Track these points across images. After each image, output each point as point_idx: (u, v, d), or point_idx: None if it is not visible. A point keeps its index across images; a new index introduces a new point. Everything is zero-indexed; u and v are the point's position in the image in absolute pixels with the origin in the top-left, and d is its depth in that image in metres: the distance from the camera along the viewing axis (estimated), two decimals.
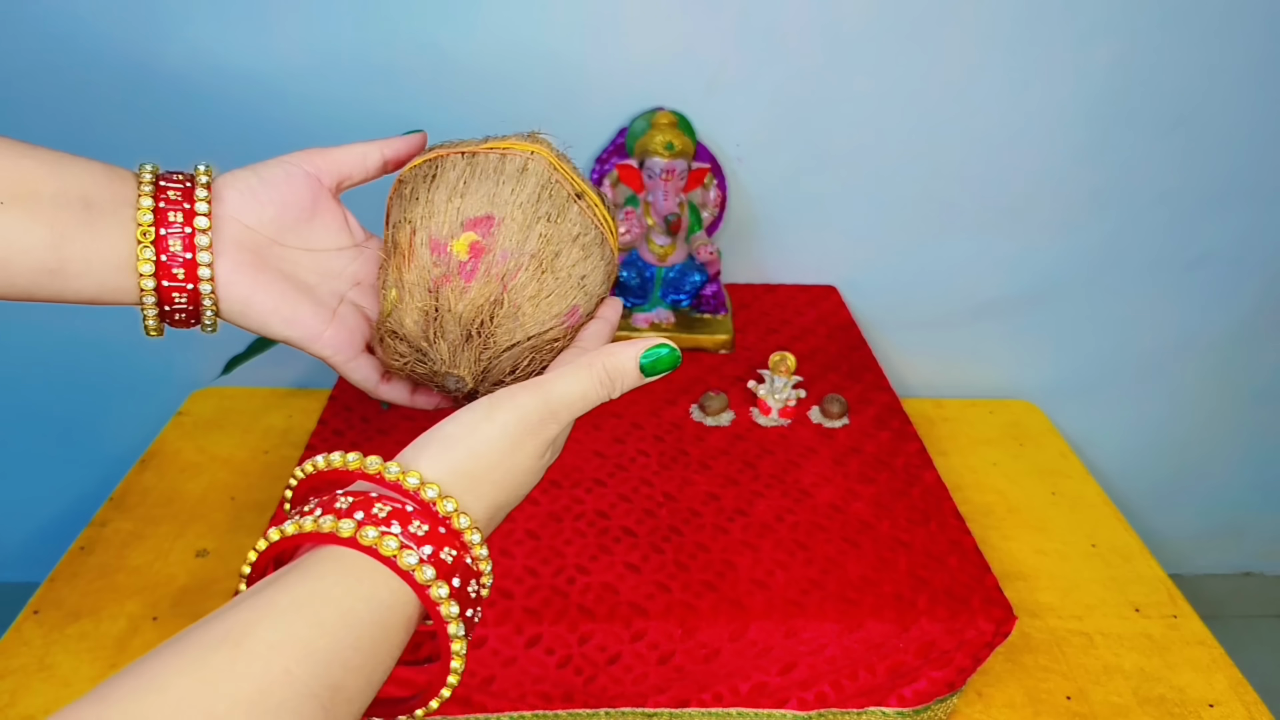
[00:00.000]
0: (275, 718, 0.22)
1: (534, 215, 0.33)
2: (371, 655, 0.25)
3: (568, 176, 0.35)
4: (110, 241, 0.32)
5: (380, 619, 0.25)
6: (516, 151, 0.35)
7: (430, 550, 0.26)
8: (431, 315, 0.33)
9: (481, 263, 0.32)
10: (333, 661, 0.24)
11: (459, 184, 0.34)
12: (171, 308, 0.34)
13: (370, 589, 0.25)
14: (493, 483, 0.29)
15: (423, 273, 0.33)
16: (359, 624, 0.25)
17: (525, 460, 0.30)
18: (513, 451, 0.29)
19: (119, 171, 0.34)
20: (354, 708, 0.25)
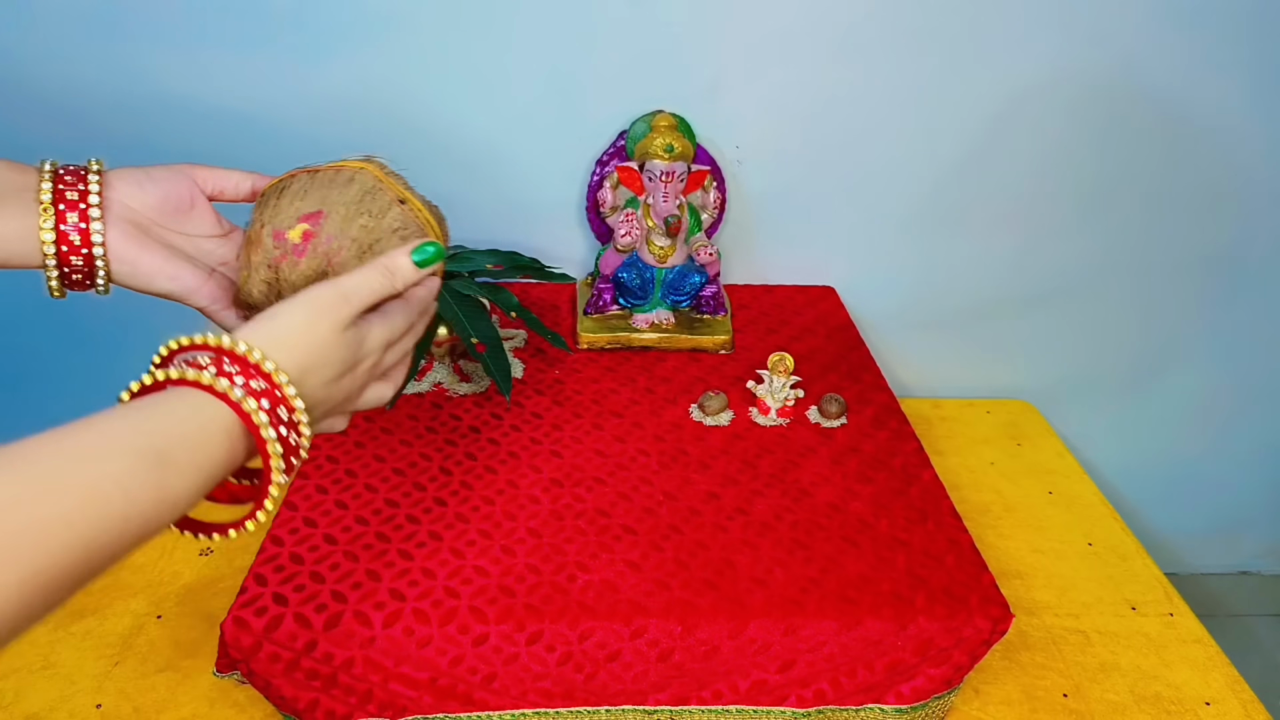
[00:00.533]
0: (109, 461, 0.31)
1: (357, 211, 0.44)
2: (197, 448, 0.34)
3: (392, 186, 0.45)
4: (16, 216, 0.42)
5: (203, 423, 0.35)
6: (349, 167, 0.45)
7: (243, 381, 0.36)
8: (272, 284, 0.44)
9: (310, 244, 0.43)
10: (163, 440, 0.33)
11: (300, 191, 0.44)
12: (69, 269, 0.43)
13: (195, 401, 0.35)
14: (297, 346, 0.38)
15: (266, 255, 0.44)
16: (184, 421, 0.34)
17: (326, 334, 0.39)
18: (313, 326, 0.39)
19: (25, 166, 0.43)
20: (185, 481, 0.33)
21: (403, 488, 0.64)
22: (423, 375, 0.76)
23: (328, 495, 0.63)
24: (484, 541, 0.59)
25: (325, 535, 0.59)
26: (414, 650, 0.54)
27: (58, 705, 0.62)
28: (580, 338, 0.81)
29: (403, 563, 0.57)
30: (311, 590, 0.55)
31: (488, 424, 0.71)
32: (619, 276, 0.79)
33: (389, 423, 0.70)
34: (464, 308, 0.69)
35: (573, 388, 0.76)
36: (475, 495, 0.63)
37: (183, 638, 0.67)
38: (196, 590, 0.71)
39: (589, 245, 0.89)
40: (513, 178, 0.85)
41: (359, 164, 0.46)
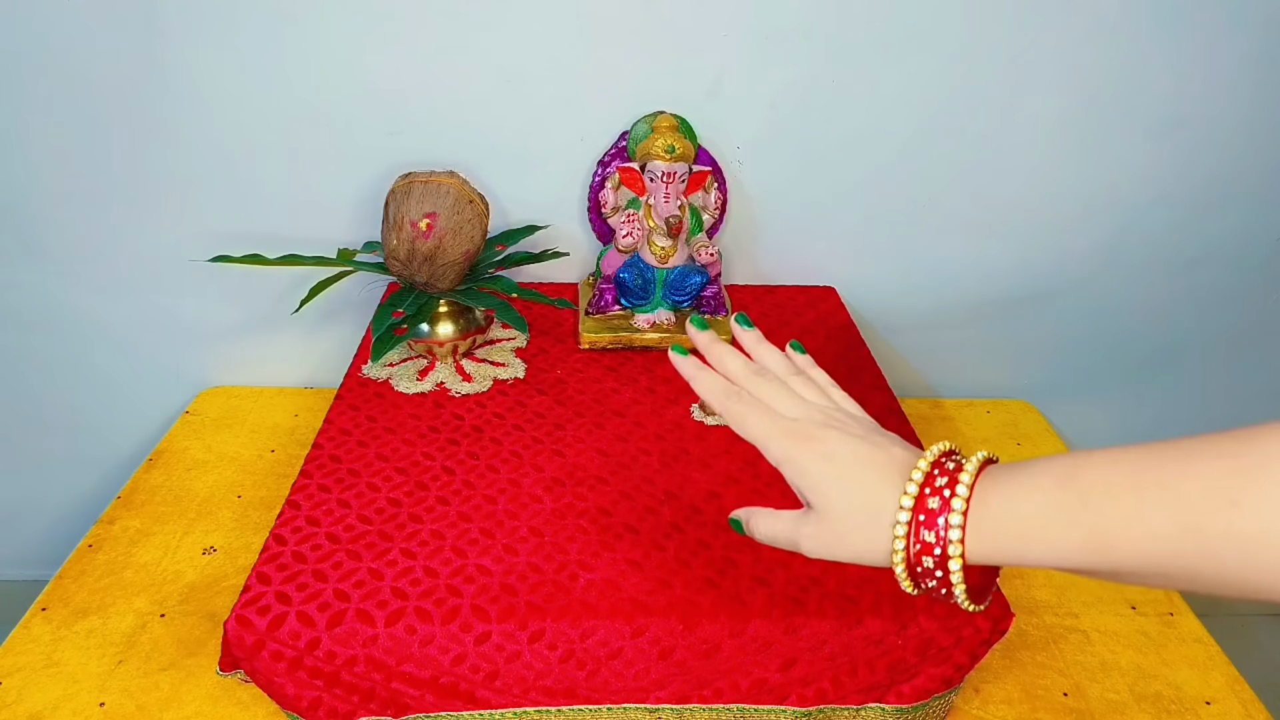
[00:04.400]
0: None
1: (452, 212, 0.72)
2: None
3: (466, 192, 0.73)
4: None
5: None
6: (445, 181, 0.72)
7: None
8: (410, 252, 0.72)
9: (431, 232, 0.71)
10: None
11: (420, 195, 0.72)
12: None
13: None
14: None
15: (406, 234, 0.71)
16: None
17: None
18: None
19: None
20: None
21: (405, 487, 0.64)
22: (425, 375, 0.76)
23: (330, 494, 0.63)
24: (486, 540, 0.60)
25: (328, 534, 0.59)
26: (416, 648, 0.54)
27: (61, 704, 0.62)
28: (582, 338, 0.81)
29: (405, 561, 0.58)
30: (314, 589, 0.56)
31: (490, 423, 0.71)
32: (620, 277, 0.80)
33: (391, 422, 0.70)
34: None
35: (575, 387, 0.76)
36: (477, 494, 0.63)
37: (186, 636, 0.67)
38: (199, 589, 0.71)
39: (590, 246, 0.89)
40: (513, 178, 0.86)
41: (448, 177, 0.73)
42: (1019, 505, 0.35)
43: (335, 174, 0.84)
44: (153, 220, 0.86)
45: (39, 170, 0.83)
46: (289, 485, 0.75)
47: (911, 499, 0.37)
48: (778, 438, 0.42)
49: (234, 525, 0.78)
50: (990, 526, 0.35)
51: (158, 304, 0.92)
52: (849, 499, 0.39)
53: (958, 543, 0.36)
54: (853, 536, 0.39)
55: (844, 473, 0.39)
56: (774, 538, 0.43)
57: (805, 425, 0.42)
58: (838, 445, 0.40)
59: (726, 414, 0.44)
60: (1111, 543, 0.32)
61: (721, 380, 0.45)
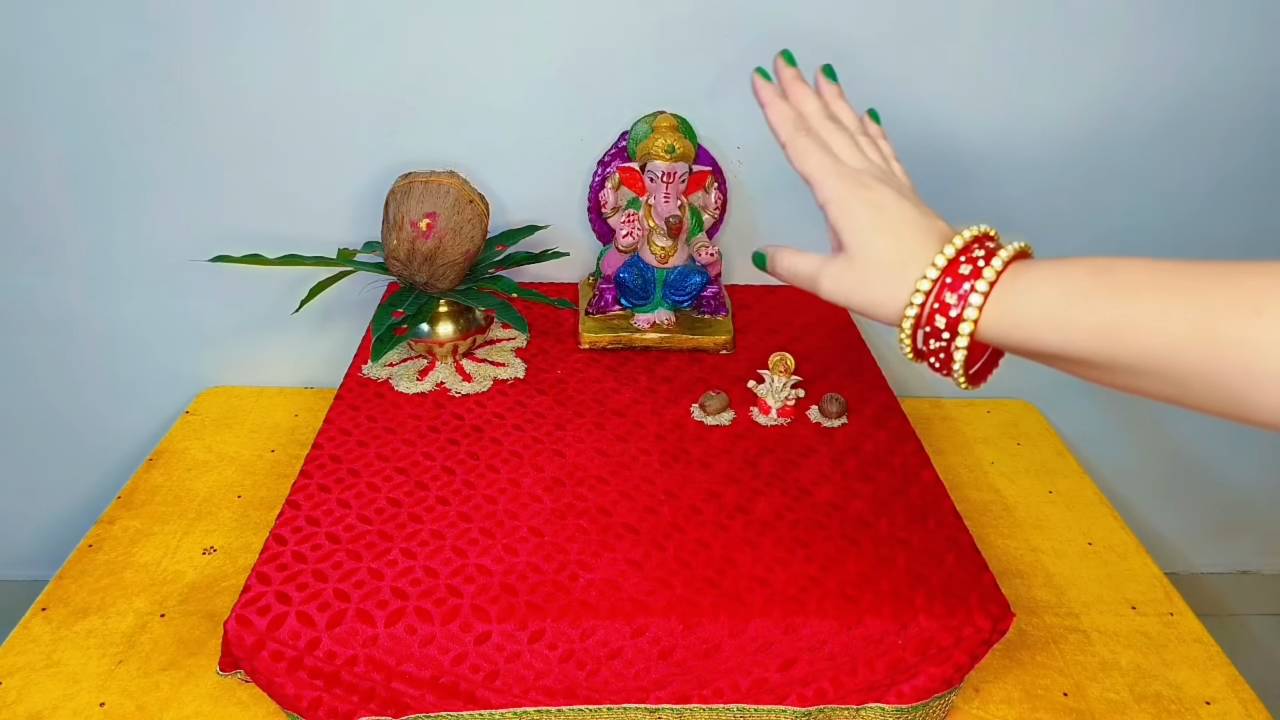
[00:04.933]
0: None
1: (452, 212, 0.72)
2: None
3: (466, 192, 0.73)
4: None
5: None
6: (445, 181, 0.72)
7: None
8: (409, 252, 0.72)
9: (431, 232, 0.71)
10: None
11: (420, 195, 0.72)
12: None
13: None
14: None
15: (406, 234, 0.71)
16: None
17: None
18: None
19: None
20: None
21: (405, 486, 0.64)
22: (425, 375, 0.76)
23: (330, 494, 0.63)
24: (486, 540, 0.60)
25: (328, 534, 0.59)
26: (416, 648, 0.54)
27: (61, 704, 0.62)
28: (582, 338, 0.81)
29: (405, 561, 0.58)
30: (314, 589, 0.56)
31: (490, 423, 0.71)
32: (620, 277, 0.80)
33: (391, 422, 0.70)
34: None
35: (575, 387, 0.76)
36: (477, 494, 0.63)
37: (186, 636, 0.67)
38: (199, 589, 0.71)
39: (590, 246, 0.89)
40: (513, 178, 0.86)
41: (449, 177, 0.73)
42: (1047, 286, 0.35)
43: (335, 174, 0.84)
44: (153, 220, 0.86)
45: (40, 171, 0.83)
46: (289, 485, 0.75)
47: (945, 259, 0.38)
48: (832, 177, 0.43)
49: (234, 525, 0.78)
50: (1012, 301, 0.36)
51: (158, 304, 0.92)
52: (884, 247, 0.40)
53: (976, 307, 0.37)
54: (874, 283, 0.41)
55: (886, 223, 0.41)
56: (794, 273, 0.45)
57: (861, 174, 0.43)
58: (888, 199, 0.42)
59: (790, 145, 0.45)
60: (1124, 331, 0.33)
61: (794, 113, 0.46)
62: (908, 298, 0.39)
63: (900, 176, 0.46)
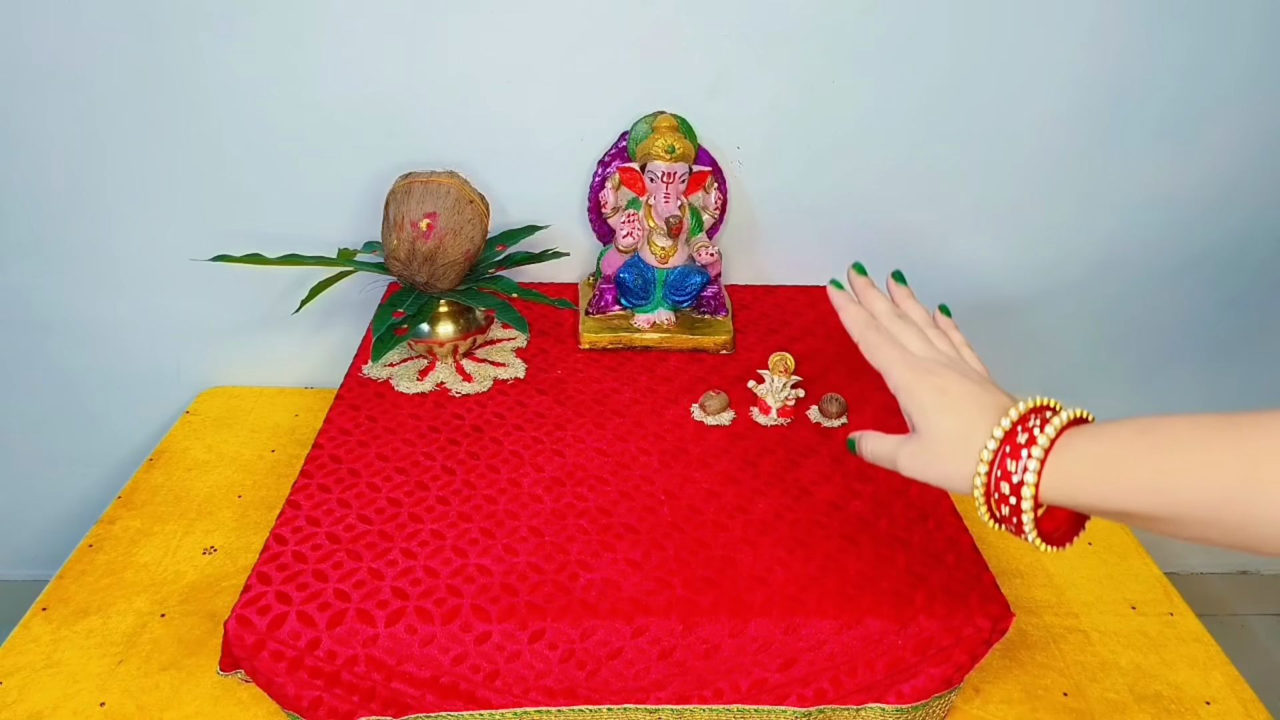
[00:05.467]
0: None
1: (453, 212, 0.72)
2: None
3: (466, 192, 0.73)
4: None
5: None
6: (445, 181, 0.73)
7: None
8: (410, 252, 0.71)
9: (431, 232, 0.71)
10: None
11: (420, 196, 0.72)
12: None
13: None
14: None
15: (407, 234, 0.71)
16: None
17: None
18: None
19: None
20: None
21: (405, 486, 0.64)
22: (425, 375, 0.76)
23: (330, 494, 0.63)
24: (486, 540, 0.60)
25: (328, 534, 0.60)
26: (417, 648, 0.54)
27: (61, 704, 0.62)
28: (582, 338, 0.81)
29: (405, 561, 0.58)
30: (315, 589, 0.56)
31: (490, 423, 0.71)
32: (620, 277, 0.80)
33: (391, 422, 0.70)
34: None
35: (575, 387, 0.76)
36: (477, 494, 0.63)
37: (186, 636, 0.67)
38: (200, 589, 0.72)
39: (591, 246, 0.89)
40: (513, 178, 0.86)
41: (448, 177, 0.73)
42: (1096, 447, 0.38)
43: (335, 174, 0.84)
44: (153, 220, 0.86)
45: (40, 171, 0.83)
46: (289, 485, 0.75)
47: (1003, 431, 0.41)
48: (900, 367, 0.47)
49: (234, 525, 0.78)
50: (1068, 464, 0.39)
51: (158, 304, 0.92)
52: (950, 425, 0.44)
53: (1034, 472, 0.39)
54: (945, 459, 0.44)
55: (951, 404, 0.44)
56: (877, 455, 0.49)
57: (927, 362, 0.47)
58: (952, 382, 0.45)
59: (863, 341, 0.49)
60: (1174, 485, 0.35)
61: (866, 314, 0.50)
62: (974, 468, 0.42)
63: (971, 362, 0.49)
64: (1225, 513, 0.34)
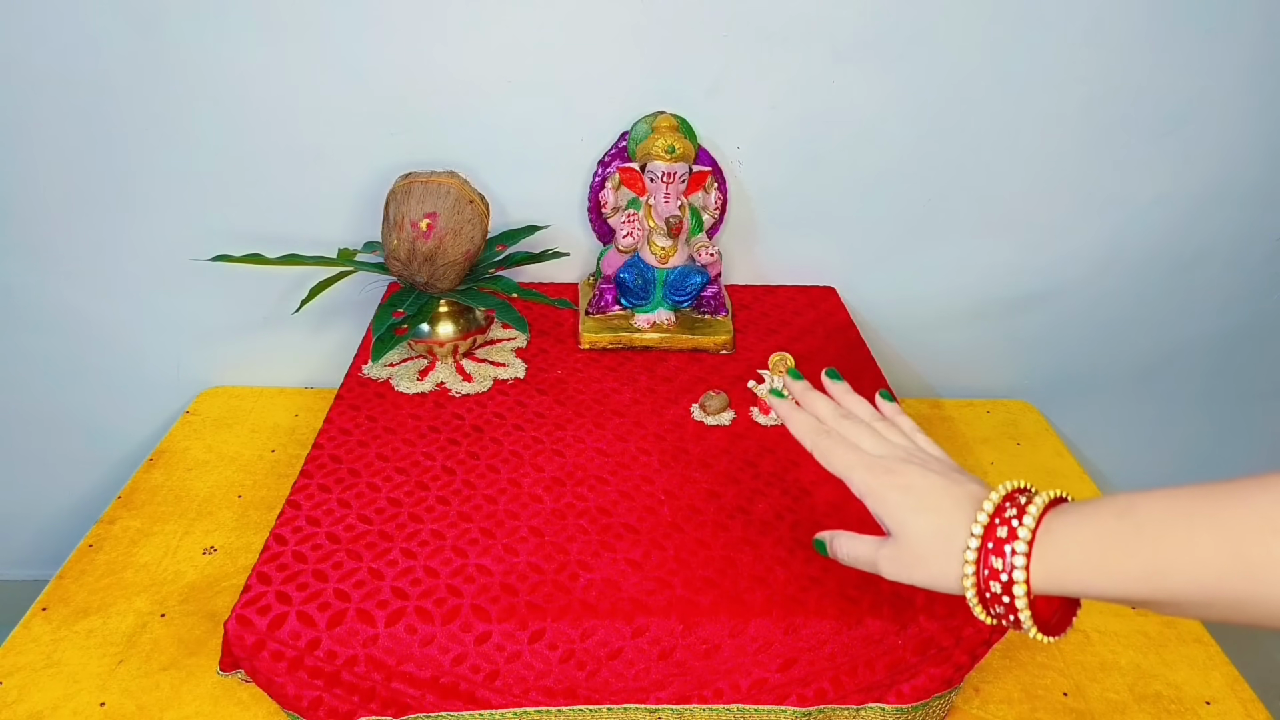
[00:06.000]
0: None
1: (452, 212, 0.72)
2: None
3: (466, 192, 0.73)
4: None
5: None
6: (444, 181, 0.73)
7: None
8: (410, 252, 0.71)
9: (431, 232, 0.71)
10: None
11: (420, 195, 0.72)
12: None
13: None
14: None
15: (406, 234, 0.71)
16: None
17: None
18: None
19: None
20: None
21: (405, 486, 0.64)
22: (425, 375, 0.76)
23: (330, 494, 0.63)
24: (486, 540, 0.60)
25: (328, 534, 0.60)
26: (417, 648, 0.54)
27: (61, 703, 0.62)
28: (582, 338, 0.81)
29: (405, 561, 0.58)
30: (315, 589, 0.56)
31: (490, 423, 0.71)
32: (620, 277, 0.80)
33: (391, 422, 0.70)
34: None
35: (575, 387, 0.76)
36: (478, 494, 0.63)
37: (186, 636, 0.67)
38: (200, 589, 0.72)
39: (591, 246, 0.89)
40: (513, 178, 0.86)
41: (448, 177, 0.73)
42: (1079, 535, 0.37)
43: (335, 174, 0.84)
44: (153, 220, 0.86)
45: (40, 170, 0.83)
46: (289, 485, 0.75)
47: (981, 527, 0.39)
48: (860, 470, 0.45)
49: (234, 525, 0.78)
50: (1054, 555, 0.37)
51: (158, 304, 0.92)
52: (924, 527, 0.42)
53: (1022, 569, 0.37)
54: (927, 562, 0.42)
55: (921, 503, 0.42)
56: (855, 559, 0.47)
57: (887, 460, 0.45)
58: (916, 478, 0.43)
59: (815, 449, 0.48)
60: (1165, 570, 0.34)
61: (812, 420, 0.50)
62: (960, 570, 0.40)
63: (928, 449, 0.47)
64: (1220, 595, 0.33)
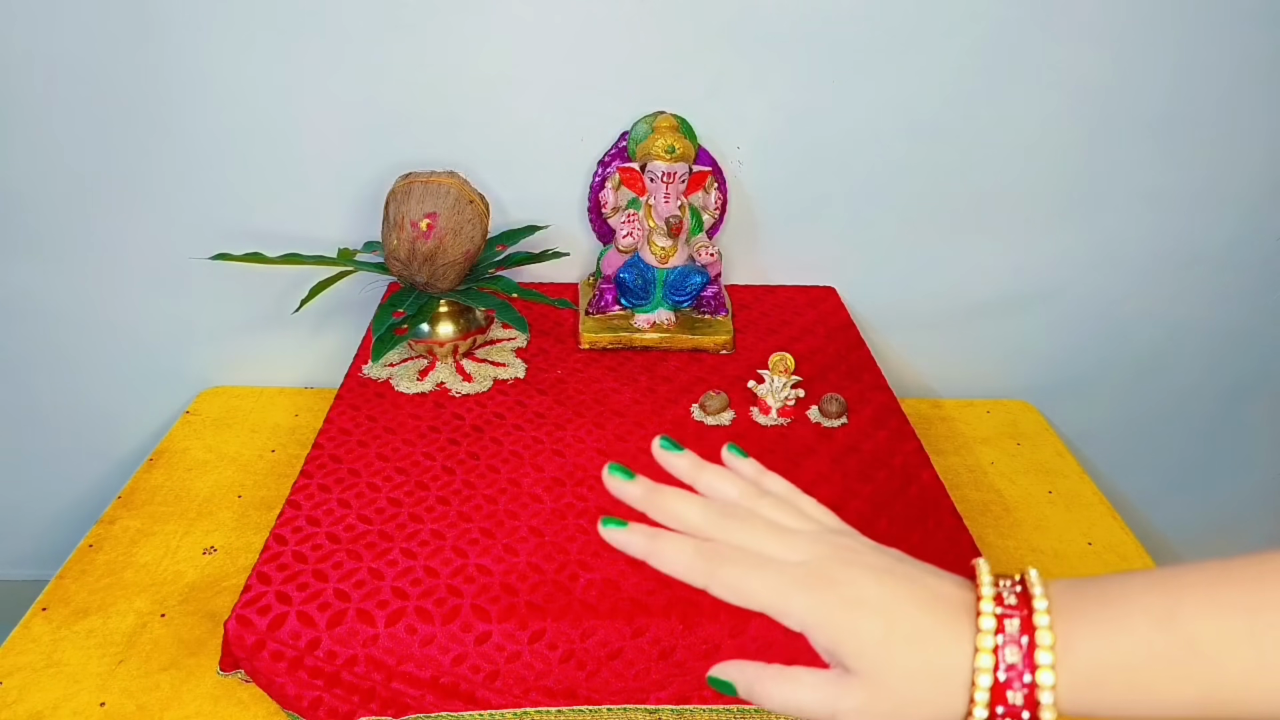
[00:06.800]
0: None
1: (452, 212, 0.72)
2: None
3: (466, 192, 0.73)
4: None
5: None
6: (444, 181, 0.73)
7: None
8: (410, 252, 0.72)
9: (431, 232, 0.71)
10: None
11: (420, 195, 0.72)
12: None
13: None
14: None
15: (407, 234, 0.71)
16: None
17: None
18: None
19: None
20: None
21: (405, 486, 0.64)
22: (425, 375, 0.76)
23: (330, 494, 0.63)
24: (486, 540, 0.60)
25: (328, 534, 0.60)
26: (417, 648, 0.54)
27: (61, 703, 0.62)
28: (582, 338, 0.81)
29: (405, 561, 0.58)
30: (315, 589, 0.56)
31: (490, 423, 0.71)
32: (621, 277, 0.80)
33: (391, 422, 0.70)
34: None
35: (575, 387, 0.76)
36: (478, 494, 0.63)
37: (186, 636, 0.67)
38: (200, 589, 0.71)
39: (591, 246, 0.89)
40: (513, 178, 0.86)
41: (448, 177, 0.74)
42: (1115, 652, 0.29)
43: (335, 174, 0.84)
44: (153, 219, 0.86)
45: (40, 170, 0.83)
46: (289, 485, 0.75)
47: (991, 656, 0.30)
48: (797, 593, 0.32)
49: (234, 525, 0.78)
50: (1084, 679, 0.30)
51: (158, 304, 0.92)
52: (905, 662, 0.31)
53: (1050, 706, 0.30)
54: (917, 707, 0.31)
55: (889, 627, 0.31)
56: (798, 709, 0.33)
57: (819, 567, 0.33)
58: (868, 587, 0.32)
59: (717, 587, 0.33)
60: (1231, 698, 0.28)
61: (687, 545, 0.35)
62: (964, 708, 0.30)
63: (827, 522, 0.36)
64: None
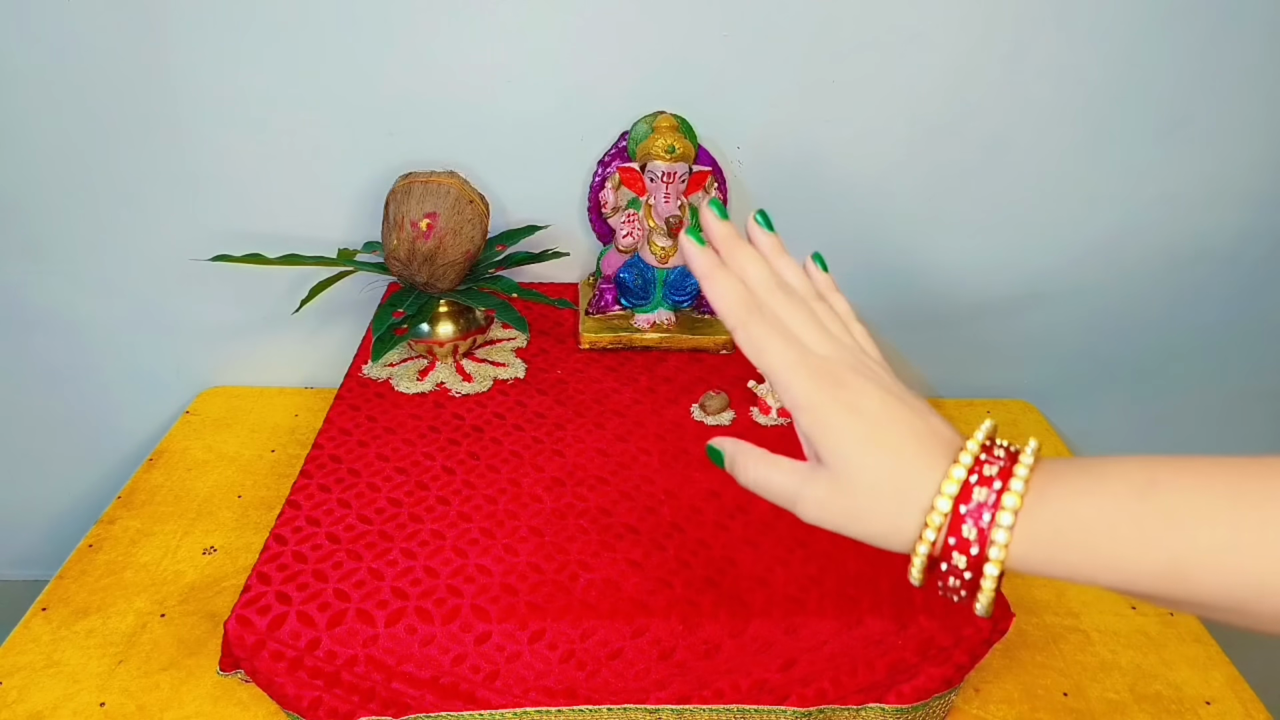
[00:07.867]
0: None
1: (452, 212, 0.72)
2: None
3: (466, 192, 0.73)
4: None
5: None
6: (445, 181, 0.73)
7: None
8: (410, 252, 0.71)
9: (431, 232, 0.71)
10: None
11: (420, 195, 0.72)
12: None
13: None
14: None
15: (406, 234, 0.71)
16: None
17: None
18: None
19: None
20: None
21: (405, 486, 0.64)
22: (425, 375, 0.76)
23: (330, 494, 0.63)
24: (486, 540, 0.60)
25: (328, 534, 0.59)
26: (416, 648, 0.54)
27: (61, 703, 0.62)
28: (582, 338, 0.81)
29: (405, 561, 0.58)
30: (315, 589, 0.56)
31: (490, 423, 0.71)
32: (620, 277, 0.80)
33: (391, 422, 0.70)
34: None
35: (575, 387, 0.76)
36: (478, 494, 0.63)
37: (186, 636, 0.67)
38: (200, 589, 0.71)
39: (591, 246, 0.89)
40: (513, 178, 0.86)
41: (448, 177, 0.74)
42: (1085, 511, 0.29)
43: (335, 174, 0.84)
44: (153, 220, 0.86)
45: (39, 170, 0.83)
46: (289, 485, 0.75)
47: (957, 485, 0.31)
48: (803, 375, 0.33)
49: (234, 525, 0.78)
50: (1046, 531, 0.30)
51: (158, 304, 0.92)
52: (875, 466, 0.32)
53: (1003, 546, 0.30)
54: (872, 513, 0.32)
55: (874, 434, 0.32)
56: (766, 488, 0.36)
57: (835, 366, 0.34)
58: (870, 399, 0.33)
59: (742, 335, 0.35)
60: (1195, 574, 0.27)
61: (741, 288, 0.35)
62: (916, 531, 0.32)
63: (868, 349, 0.37)
64: (1260, 604, 0.27)
